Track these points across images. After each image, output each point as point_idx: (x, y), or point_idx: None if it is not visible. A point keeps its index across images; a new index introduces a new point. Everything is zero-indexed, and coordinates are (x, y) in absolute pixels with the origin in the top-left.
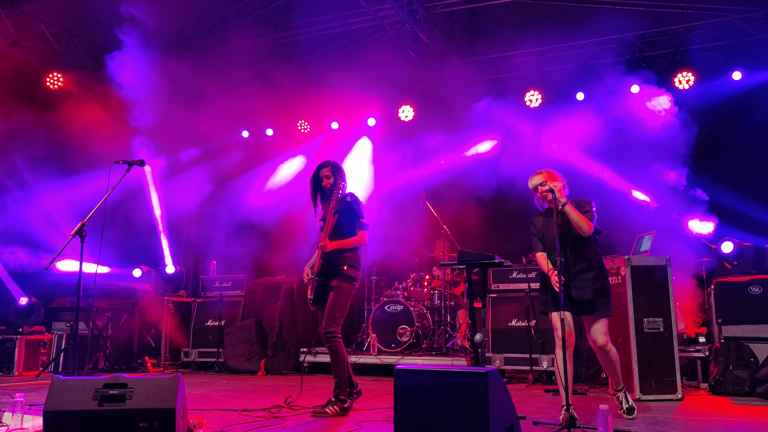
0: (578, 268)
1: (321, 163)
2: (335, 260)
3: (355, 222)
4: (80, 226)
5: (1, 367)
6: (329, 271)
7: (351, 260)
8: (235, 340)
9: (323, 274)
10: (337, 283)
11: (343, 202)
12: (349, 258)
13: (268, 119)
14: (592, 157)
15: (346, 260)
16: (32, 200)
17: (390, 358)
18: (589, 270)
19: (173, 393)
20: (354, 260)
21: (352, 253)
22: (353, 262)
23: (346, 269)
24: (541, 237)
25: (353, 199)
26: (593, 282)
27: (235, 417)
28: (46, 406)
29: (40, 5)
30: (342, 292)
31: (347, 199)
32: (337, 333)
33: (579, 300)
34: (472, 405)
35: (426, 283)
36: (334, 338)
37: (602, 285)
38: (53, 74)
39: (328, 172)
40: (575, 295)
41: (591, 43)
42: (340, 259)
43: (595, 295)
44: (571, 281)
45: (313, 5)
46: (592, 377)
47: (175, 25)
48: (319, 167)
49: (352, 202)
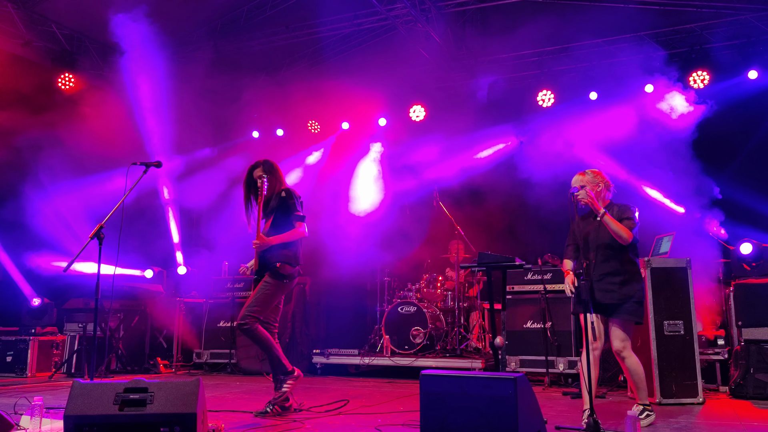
0: (605, 271)
1: (253, 163)
2: (270, 257)
3: (290, 216)
4: (98, 229)
5: (15, 368)
6: (264, 268)
7: (285, 257)
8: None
9: (260, 271)
10: (267, 278)
11: (278, 198)
12: (284, 255)
13: (278, 119)
14: (606, 157)
15: (281, 257)
16: (45, 201)
17: (403, 360)
18: (616, 274)
19: (194, 397)
20: (289, 257)
21: (287, 250)
22: (288, 258)
23: (279, 266)
24: (575, 242)
25: (288, 193)
26: (619, 286)
27: (251, 420)
28: (67, 411)
29: (51, 6)
30: (268, 287)
31: (282, 194)
32: (252, 323)
33: (602, 303)
34: (500, 411)
35: (439, 284)
36: (247, 327)
37: (629, 290)
38: (65, 75)
39: (261, 172)
40: (599, 297)
41: (604, 42)
42: (274, 256)
43: (620, 299)
44: (596, 283)
45: (324, 5)
46: (609, 380)
47: (186, 26)
48: (252, 167)
49: (286, 197)
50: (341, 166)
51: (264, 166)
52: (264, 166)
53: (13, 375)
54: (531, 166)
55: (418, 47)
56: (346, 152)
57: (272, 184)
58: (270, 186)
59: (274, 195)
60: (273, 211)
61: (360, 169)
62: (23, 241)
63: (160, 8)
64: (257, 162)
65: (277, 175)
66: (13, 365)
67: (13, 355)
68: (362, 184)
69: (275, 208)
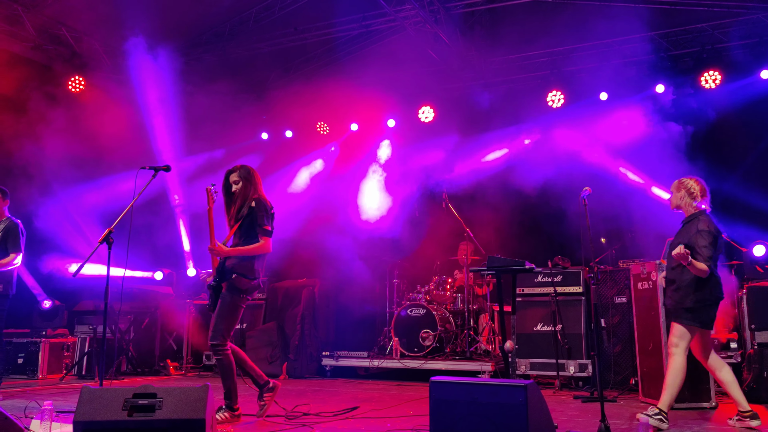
0: (671, 277)
1: (230, 168)
2: (230, 267)
3: (255, 228)
4: (107, 233)
5: (26, 369)
6: (221, 277)
7: (243, 269)
8: (257, 343)
9: (217, 279)
10: (224, 293)
11: (248, 207)
12: (242, 267)
13: (287, 121)
14: (616, 158)
15: (238, 268)
16: (55, 204)
17: (413, 363)
18: (679, 280)
19: (203, 403)
20: (247, 269)
21: (247, 262)
22: (245, 270)
23: (235, 278)
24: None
25: (257, 204)
26: (675, 292)
27: (260, 423)
28: (76, 417)
29: (60, 8)
30: (227, 302)
31: (252, 204)
32: (224, 344)
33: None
34: (511, 419)
35: (448, 286)
36: (221, 351)
37: (683, 296)
38: (74, 77)
39: (236, 177)
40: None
41: (614, 42)
42: (233, 267)
43: (677, 304)
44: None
45: (332, 6)
46: (621, 383)
47: (195, 29)
48: (228, 172)
49: (255, 207)
50: (350, 168)
51: (240, 172)
52: (240, 172)
53: (25, 377)
54: (541, 167)
55: (427, 48)
56: (355, 153)
57: (246, 191)
58: (243, 193)
59: (246, 202)
60: (242, 219)
61: (369, 171)
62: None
63: (169, 11)
64: (234, 167)
65: (253, 182)
66: (24, 367)
67: (24, 356)
68: (371, 186)
69: (243, 217)
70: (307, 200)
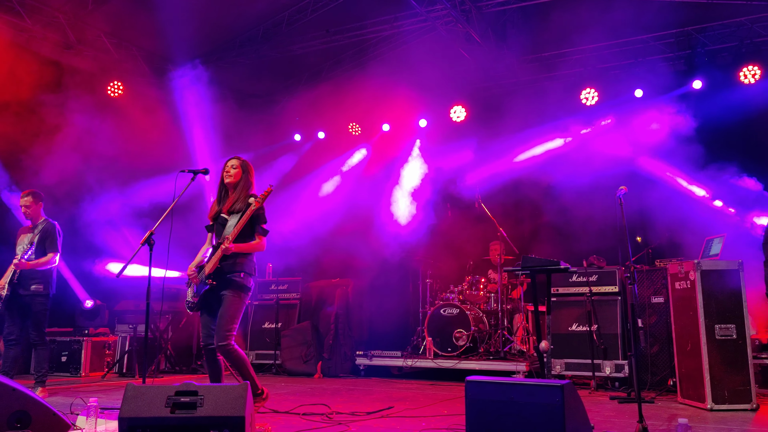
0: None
1: (231, 157)
2: (231, 265)
3: (256, 226)
4: (149, 235)
5: (69, 367)
6: (222, 276)
7: (248, 267)
8: (292, 342)
9: (216, 277)
10: (231, 293)
11: (246, 203)
12: (246, 264)
13: (319, 122)
14: (652, 156)
15: (243, 266)
16: (96, 206)
17: (446, 362)
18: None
19: (242, 401)
20: (251, 267)
21: (249, 260)
22: (250, 269)
23: (243, 277)
24: None
25: (261, 200)
26: None
27: (297, 421)
28: (122, 413)
29: (100, 16)
30: (236, 302)
31: (250, 200)
32: (232, 343)
33: None
34: (547, 419)
35: (482, 286)
36: (230, 349)
37: None
38: (113, 83)
39: (236, 164)
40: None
41: (650, 38)
42: (236, 265)
43: None
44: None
45: (364, 8)
46: (658, 384)
47: (230, 33)
48: (228, 161)
49: (257, 205)
50: (382, 168)
51: (241, 163)
52: (241, 163)
53: (68, 374)
54: (574, 165)
55: (459, 48)
56: (387, 154)
57: (245, 184)
58: (242, 186)
59: (241, 197)
60: (241, 214)
61: (401, 171)
62: (76, 245)
63: (205, 16)
64: (235, 156)
65: (251, 176)
66: (67, 365)
67: (67, 355)
68: (403, 186)
69: (244, 213)
70: (340, 201)
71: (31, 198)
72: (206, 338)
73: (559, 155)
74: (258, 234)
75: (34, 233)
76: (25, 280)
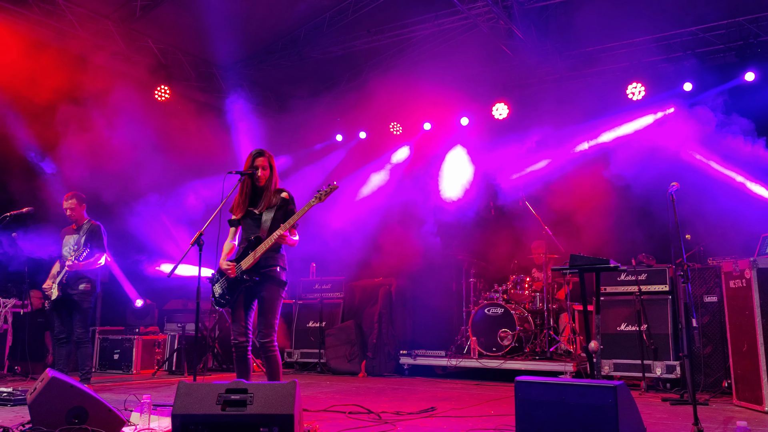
0: None
1: (256, 151)
2: (267, 259)
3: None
4: (198, 236)
5: (121, 365)
6: (258, 271)
7: (282, 261)
8: (336, 341)
9: (253, 272)
10: (271, 289)
11: (280, 197)
12: (280, 259)
13: (361, 122)
14: (705, 152)
15: (277, 260)
16: (145, 208)
17: (491, 362)
18: None
19: (291, 399)
20: (285, 261)
21: (282, 255)
22: (284, 263)
23: (279, 271)
24: None
25: (290, 197)
26: None
27: (343, 420)
28: (174, 410)
29: (147, 22)
30: (276, 298)
31: (284, 194)
32: (275, 341)
33: None
34: (600, 420)
35: (527, 285)
36: (275, 347)
37: None
38: (161, 87)
39: (266, 163)
40: None
41: (699, 30)
42: (272, 259)
43: None
44: None
45: (404, 7)
46: (713, 386)
47: (272, 35)
48: (255, 155)
49: (289, 200)
50: (424, 167)
51: (268, 158)
52: (268, 158)
53: (121, 372)
54: (621, 162)
55: (501, 45)
56: (429, 153)
57: (273, 180)
58: (271, 181)
59: (273, 194)
60: (273, 208)
61: (443, 170)
62: (127, 246)
63: (248, 19)
64: (261, 150)
65: (276, 171)
66: (120, 362)
67: (119, 353)
68: (446, 185)
69: (276, 208)
70: (382, 200)
71: (75, 200)
72: (237, 335)
73: (604, 152)
74: (291, 228)
75: (79, 234)
76: (73, 280)
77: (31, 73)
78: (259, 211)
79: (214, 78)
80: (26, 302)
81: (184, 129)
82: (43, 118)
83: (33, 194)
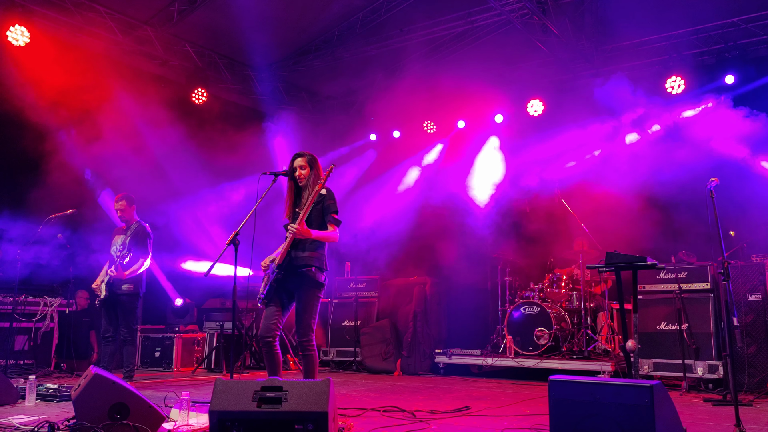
0: None
1: (296, 153)
2: (303, 258)
3: (327, 216)
4: (234, 235)
5: (162, 363)
6: (294, 270)
7: (320, 261)
8: (371, 340)
9: (287, 269)
10: (307, 288)
11: (318, 194)
12: (318, 258)
13: (394, 121)
14: (745, 146)
15: (315, 260)
16: (184, 208)
17: (527, 361)
18: None
19: (325, 396)
20: (323, 261)
21: (321, 253)
22: (322, 263)
23: (314, 272)
24: None
25: (329, 192)
26: None
27: (378, 418)
28: (212, 406)
29: (184, 27)
30: (313, 299)
31: (322, 191)
32: (314, 341)
33: None
34: (636, 420)
35: (563, 283)
36: (312, 346)
37: None
38: (198, 90)
39: (303, 163)
40: None
41: (741, 21)
42: (308, 258)
43: None
44: None
45: (437, 5)
46: (757, 386)
47: (306, 36)
48: (295, 157)
49: (327, 196)
50: (458, 165)
51: (308, 158)
52: (308, 158)
53: (161, 369)
54: (660, 158)
55: (535, 40)
56: (463, 151)
57: (314, 178)
58: (312, 180)
59: (313, 190)
60: (312, 207)
61: (477, 168)
62: (168, 246)
63: (282, 21)
64: (301, 152)
65: (318, 169)
66: (161, 360)
67: (160, 351)
68: (480, 183)
69: (314, 204)
70: (416, 199)
71: (124, 202)
72: (265, 331)
73: (643, 147)
74: (330, 223)
75: (126, 234)
76: (117, 281)
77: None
78: (300, 210)
79: (249, 80)
80: (72, 301)
81: (221, 130)
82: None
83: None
